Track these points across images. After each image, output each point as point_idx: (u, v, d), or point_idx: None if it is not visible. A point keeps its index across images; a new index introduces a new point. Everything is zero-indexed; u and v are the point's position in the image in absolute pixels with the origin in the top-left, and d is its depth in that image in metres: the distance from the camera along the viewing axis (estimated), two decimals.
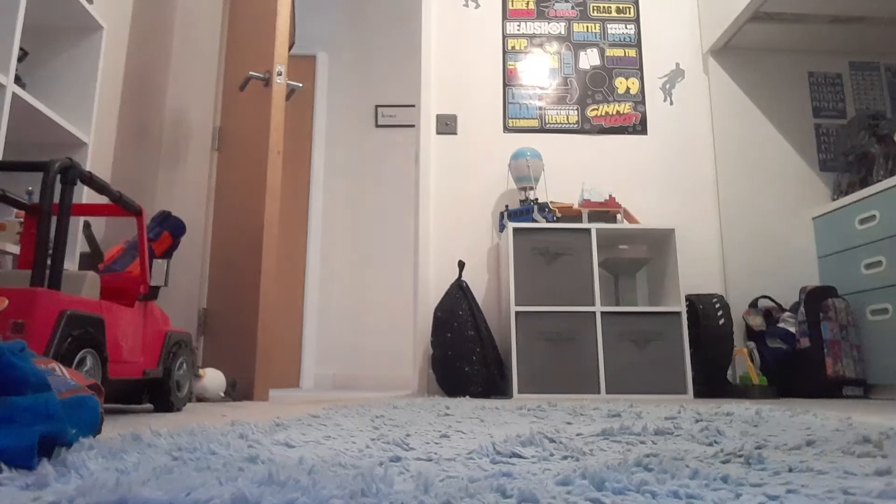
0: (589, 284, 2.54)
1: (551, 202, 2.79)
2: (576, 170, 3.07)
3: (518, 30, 3.26)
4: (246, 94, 2.59)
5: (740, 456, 0.63)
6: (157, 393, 1.57)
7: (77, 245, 2.16)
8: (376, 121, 4.28)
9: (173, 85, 2.94)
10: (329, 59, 4.34)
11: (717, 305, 2.64)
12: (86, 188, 2.15)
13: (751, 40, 3.09)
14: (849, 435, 0.82)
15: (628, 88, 3.20)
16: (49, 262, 1.19)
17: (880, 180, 2.55)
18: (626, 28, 3.27)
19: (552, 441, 0.75)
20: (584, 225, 2.63)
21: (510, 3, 3.29)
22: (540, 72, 3.21)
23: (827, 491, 0.46)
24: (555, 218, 2.70)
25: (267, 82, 2.47)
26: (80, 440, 0.64)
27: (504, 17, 3.27)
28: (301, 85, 2.64)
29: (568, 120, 3.16)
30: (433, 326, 2.68)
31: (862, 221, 2.57)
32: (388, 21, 4.41)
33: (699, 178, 3.10)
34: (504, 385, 2.59)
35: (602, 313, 2.50)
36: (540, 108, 3.17)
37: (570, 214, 2.78)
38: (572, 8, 3.29)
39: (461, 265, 2.74)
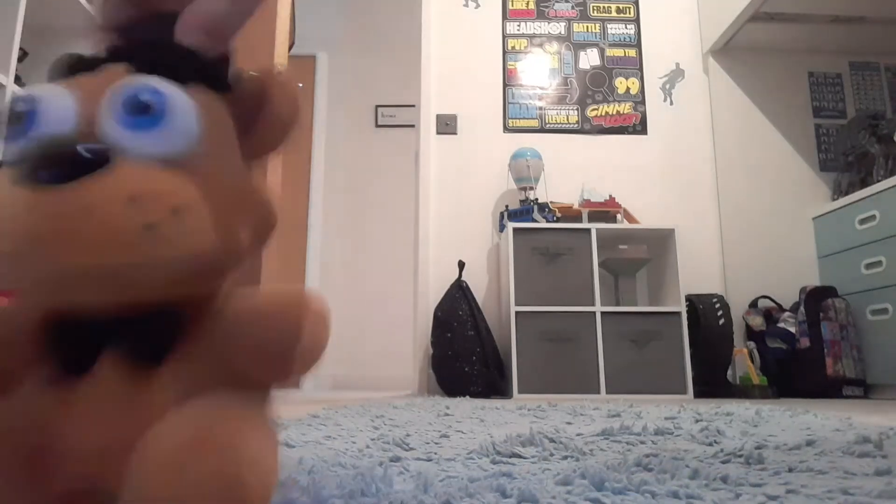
0: (589, 284, 2.54)
1: (551, 202, 2.79)
2: (576, 170, 3.07)
3: (518, 30, 3.26)
4: None
5: (740, 456, 0.63)
6: None
7: None
8: (376, 121, 4.28)
9: None
10: (329, 59, 4.34)
11: (717, 305, 2.64)
12: None
13: (751, 40, 3.08)
14: (849, 435, 0.82)
15: (628, 88, 3.20)
16: None
17: (880, 180, 2.55)
18: (626, 28, 3.28)
19: (552, 441, 0.75)
20: (584, 225, 2.63)
21: (510, 3, 3.29)
22: (540, 72, 3.21)
23: (827, 491, 0.46)
24: (555, 218, 2.70)
25: None
26: None
27: (504, 17, 3.27)
28: (301, 85, 2.64)
29: (568, 120, 3.16)
30: (433, 326, 2.68)
31: (862, 221, 2.57)
32: (388, 21, 4.41)
33: (699, 178, 3.10)
34: (504, 385, 2.58)
35: (602, 313, 2.50)
36: (540, 108, 3.17)
37: (570, 214, 2.78)
38: (572, 8, 3.29)
39: (461, 265, 2.74)
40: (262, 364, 0.29)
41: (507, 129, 3.14)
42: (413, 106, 4.21)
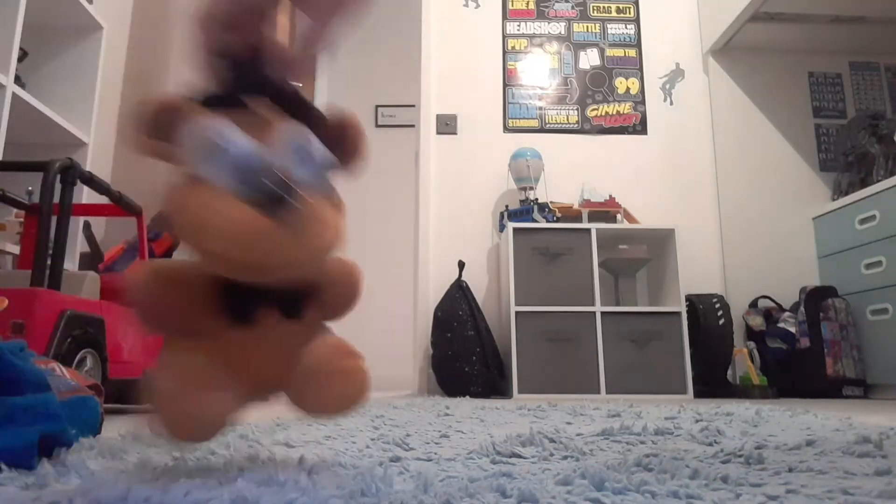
0: (589, 284, 2.54)
1: (551, 202, 2.79)
2: (576, 170, 3.07)
3: (518, 30, 3.26)
4: None
5: (740, 456, 0.63)
6: None
7: (77, 245, 2.16)
8: (376, 121, 4.28)
9: (173, 85, 2.94)
10: (329, 59, 4.34)
11: (717, 305, 2.64)
12: (86, 188, 2.15)
13: (751, 40, 3.08)
14: (849, 435, 0.82)
15: (628, 88, 3.20)
16: (49, 262, 1.19)
17: (880, 180, 2.55)
18: (626, 28, 3.27)
19: (552, 441, 0.75)
20: (584, 225, 2.63)
21: (510, 3, 3.29)
22: (540, 72, 3.21)
23: (827, 491, 0.46)
24: (555, 218, 2.70)
25: None
26: (80, 440, 0.64)
27: (504, 17, 3.27)
28: (301, 85, 2.64)
29: (568, 120, 3.16)
30: (433, 326, 2.68)
31: (862, 221, 2.56)
32: (388, 21, 4.41)
33: (699, 178, 3.10)
34: (504, 385, 2.59)
35: (602, 313, 2.50)
36: (540, 108, 3.17)
37: (570, 214, 2.78)
38: (572, 8, 3.29)
39: (461, 265, 2.74)
40: (340, 305, 0.53)
41: (507, 129, 3.14)
42: (413, 106, 4.21)
